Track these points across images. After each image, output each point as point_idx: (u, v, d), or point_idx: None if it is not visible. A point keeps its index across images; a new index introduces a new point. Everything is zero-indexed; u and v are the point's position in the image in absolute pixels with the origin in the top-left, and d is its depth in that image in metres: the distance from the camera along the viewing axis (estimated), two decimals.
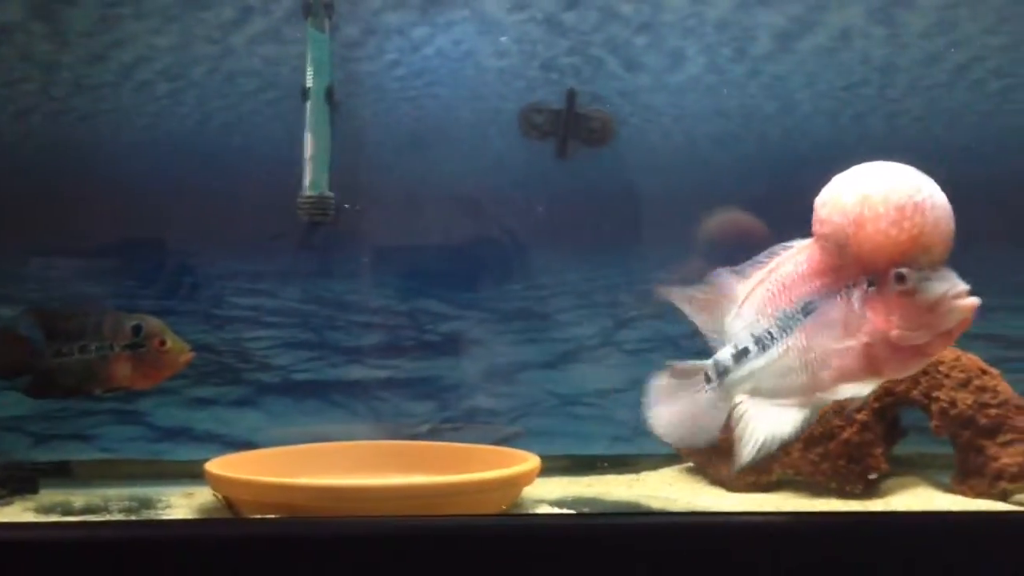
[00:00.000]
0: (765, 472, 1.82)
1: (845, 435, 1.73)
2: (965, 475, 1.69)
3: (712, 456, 1.88)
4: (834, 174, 1.28)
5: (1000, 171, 2.05)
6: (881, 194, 1.16)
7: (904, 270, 1.15)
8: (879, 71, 2.07)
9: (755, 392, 1.30)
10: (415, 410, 2.04)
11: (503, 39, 2.04)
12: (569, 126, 2.06)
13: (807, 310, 1.24)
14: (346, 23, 2.06)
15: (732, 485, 1.84)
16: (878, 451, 1.73)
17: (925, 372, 1.71)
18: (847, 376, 1.22)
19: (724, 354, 1.33)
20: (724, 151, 2.08)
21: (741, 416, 1.31)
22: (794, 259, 1.26)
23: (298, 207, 1.98)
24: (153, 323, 1.77)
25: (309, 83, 2.00)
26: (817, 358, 1.23)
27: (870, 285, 1.19)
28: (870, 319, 1.18)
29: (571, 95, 2.07)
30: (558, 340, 2.07)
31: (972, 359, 1.73)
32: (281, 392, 2.02)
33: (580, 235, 2.08)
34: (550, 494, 1.81)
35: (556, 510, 1.69)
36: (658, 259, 2.06)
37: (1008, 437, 1.66)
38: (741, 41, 2.08)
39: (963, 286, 1.15)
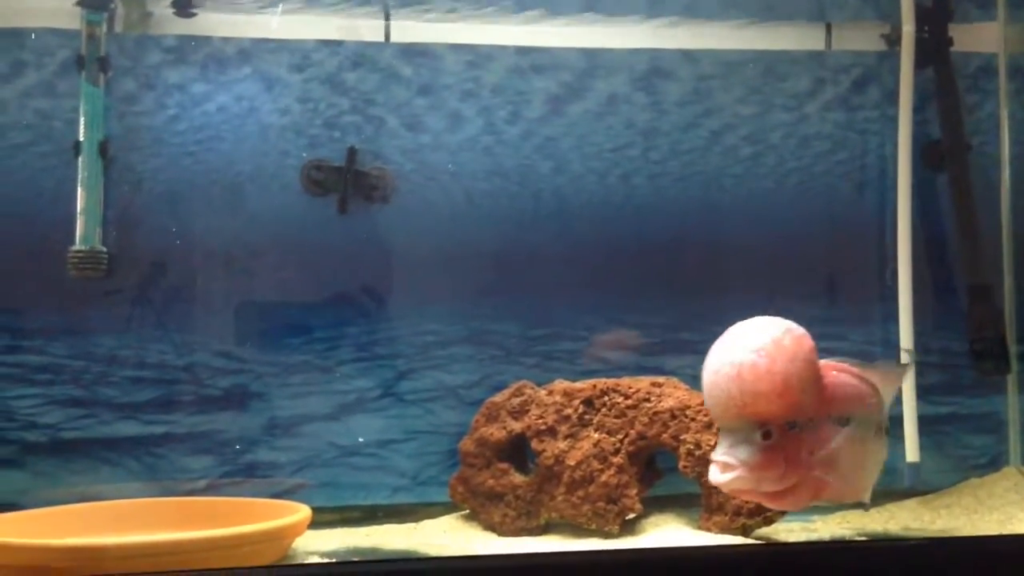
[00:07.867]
0: (534, 516, 1.90)
1: (603, 478, 1.83)
2: (710, 512, 1.79)
3: (485, 503, 1.94)
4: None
5: (747, 229, 2.22)
6: None
7: None
8: (642, 135, 2.22)
9: None
10: (192, 465, 2.02)
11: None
12: (350, 183, 2.11)
13: None
14: (123, 77, 2.06)
15: (503, 531, 1.91)
16: (633, 492, 1.83)
17: (674, 416, 1.83)
18: None
19: None
20: (500, 208, 2.17)
21: None
22: None
23: (68, 261, 1.96)
24: None
25: (81, 137, 1.99)
26: None
27: None
28: None
29: (352, 152, 2.12)
30: (339, 392, 2.09)
31: None
32: (49, 452, 1.96)
33: (361, 289, 2.13)
34: (325, 545, 1.83)
35: (326, 560, 1.71)
36: (436, 312, 2.13)
37: None
38: (516, 104, 2.19)
39: None
